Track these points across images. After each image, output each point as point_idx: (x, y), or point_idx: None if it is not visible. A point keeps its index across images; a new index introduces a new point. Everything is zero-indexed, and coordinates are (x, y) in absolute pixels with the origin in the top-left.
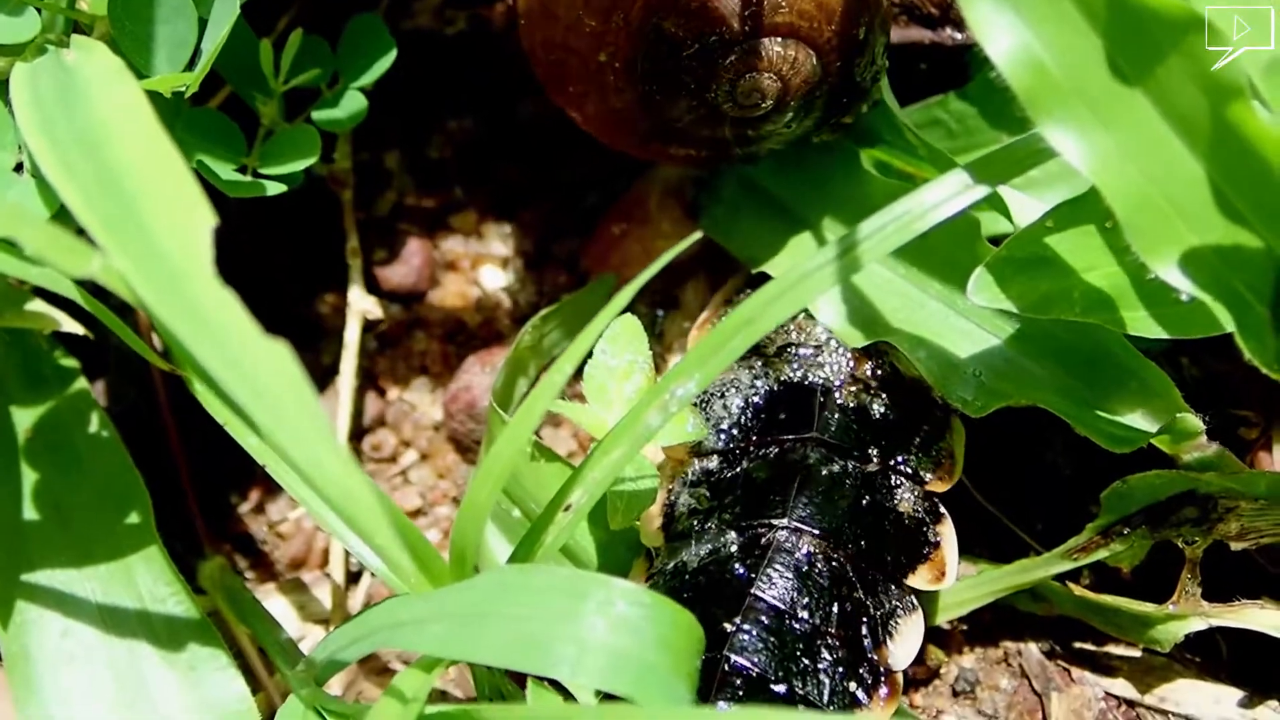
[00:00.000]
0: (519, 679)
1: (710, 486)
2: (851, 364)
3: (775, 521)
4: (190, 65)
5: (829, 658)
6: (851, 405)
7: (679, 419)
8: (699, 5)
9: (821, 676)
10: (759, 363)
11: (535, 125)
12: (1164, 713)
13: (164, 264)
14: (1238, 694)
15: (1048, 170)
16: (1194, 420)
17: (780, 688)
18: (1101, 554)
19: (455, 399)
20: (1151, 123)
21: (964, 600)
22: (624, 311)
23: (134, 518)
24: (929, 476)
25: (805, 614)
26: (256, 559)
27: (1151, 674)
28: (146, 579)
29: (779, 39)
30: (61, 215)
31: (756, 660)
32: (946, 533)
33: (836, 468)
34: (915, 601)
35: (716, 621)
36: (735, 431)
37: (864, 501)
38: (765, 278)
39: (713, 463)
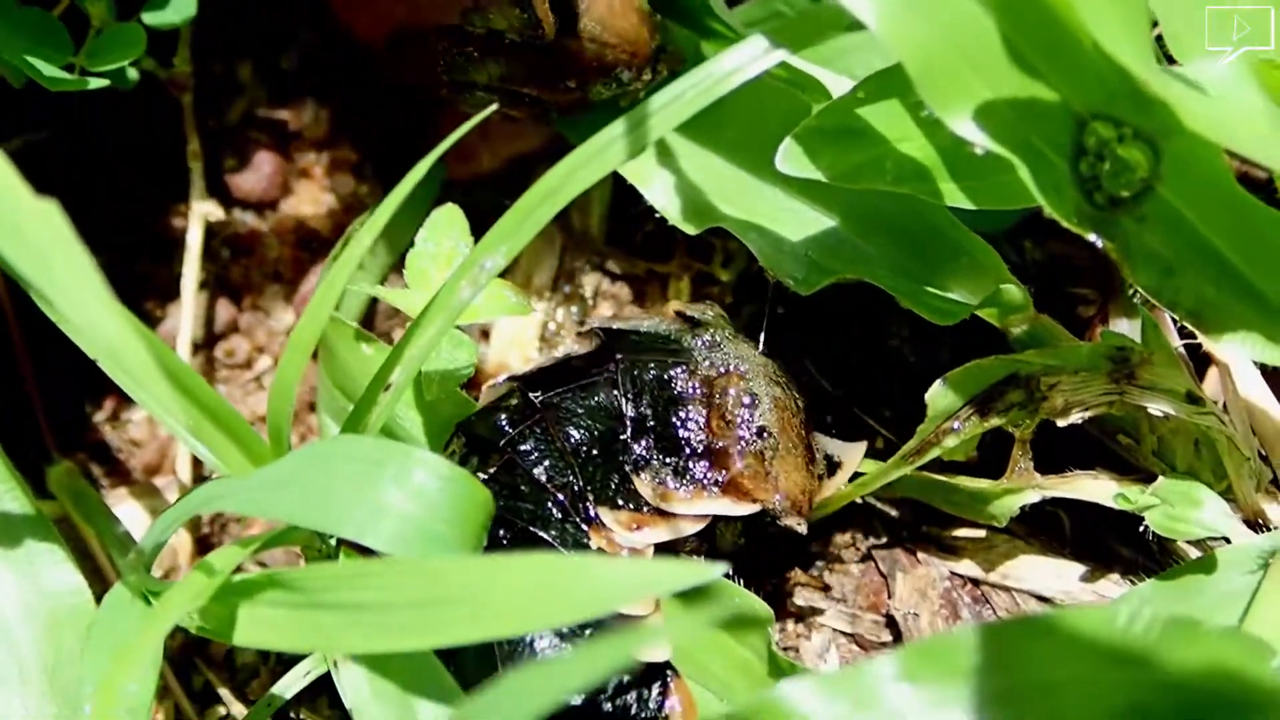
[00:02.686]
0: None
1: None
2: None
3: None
4: None
5: (560, 514)
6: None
7: (499, 295)
8: None
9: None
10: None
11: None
12: (1007, 589)
13: None
14: (1080, 568)
15: (869, 58)
16: (1018, 291)
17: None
18: (936, 452)
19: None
20: None
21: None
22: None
23: None
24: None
25: (543, 473)
26: (111, 466)
27: (995, 552)
28: None
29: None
30: None
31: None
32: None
33: (650, 376)
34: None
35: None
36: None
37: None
38: None
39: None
